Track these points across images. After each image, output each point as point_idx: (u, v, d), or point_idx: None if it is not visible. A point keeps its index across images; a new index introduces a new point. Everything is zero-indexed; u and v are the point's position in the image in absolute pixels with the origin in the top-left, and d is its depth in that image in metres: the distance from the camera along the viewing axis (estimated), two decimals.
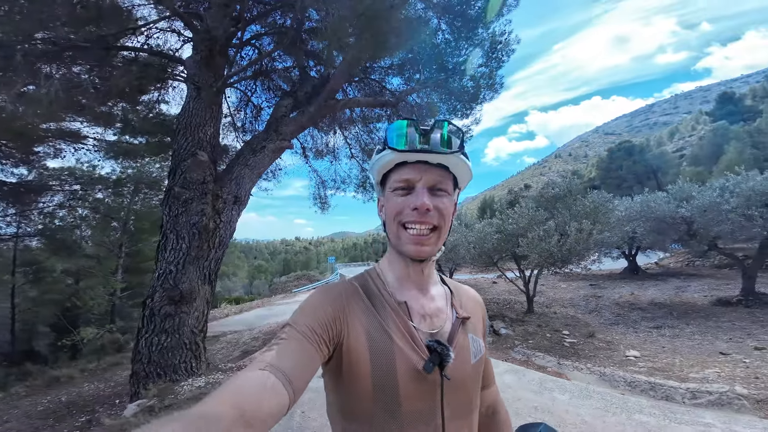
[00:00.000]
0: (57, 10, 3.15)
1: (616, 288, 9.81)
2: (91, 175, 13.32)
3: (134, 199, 15.69)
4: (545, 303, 8.93)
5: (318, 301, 0.64)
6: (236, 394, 0.44)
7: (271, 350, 0.54)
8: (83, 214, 14.86)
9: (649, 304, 7.53)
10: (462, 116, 7.79)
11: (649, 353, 4.55)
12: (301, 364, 0.53)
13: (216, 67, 5.28)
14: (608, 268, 13.17)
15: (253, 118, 7.92)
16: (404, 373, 0.61)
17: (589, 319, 7.15)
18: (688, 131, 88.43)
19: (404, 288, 0.71)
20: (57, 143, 9.54)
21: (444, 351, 0.62)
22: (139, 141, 9.57)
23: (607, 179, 30.10)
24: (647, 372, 3.80)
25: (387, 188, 0.69)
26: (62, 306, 14.86)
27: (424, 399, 0.62)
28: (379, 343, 0.62)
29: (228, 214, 5.68)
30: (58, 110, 5.50)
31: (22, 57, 3.06)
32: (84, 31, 3.71)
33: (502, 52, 6.93)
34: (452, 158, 0.64)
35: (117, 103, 7.02)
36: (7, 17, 2.88)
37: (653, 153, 34.45)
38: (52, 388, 6.02)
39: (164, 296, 4.81)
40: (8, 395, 5.73)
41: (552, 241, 6.56)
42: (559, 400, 3.25)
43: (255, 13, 5.27)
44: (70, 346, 11.56)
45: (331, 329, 0.61)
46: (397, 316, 0.66)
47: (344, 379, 0.62)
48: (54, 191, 12.38)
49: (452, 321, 0.71)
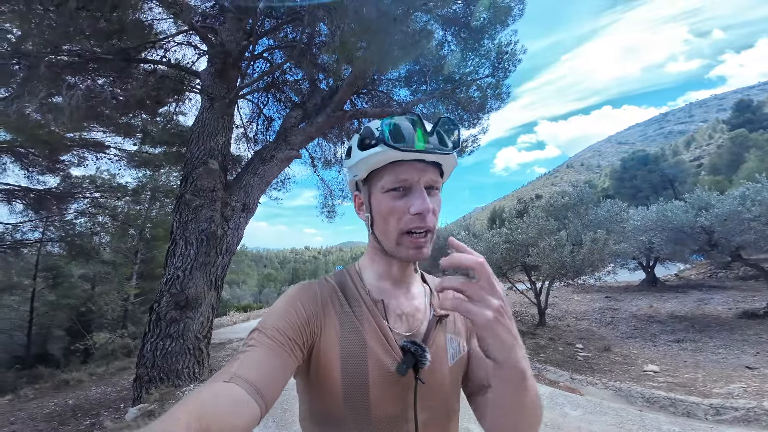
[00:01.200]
0: (82, 23, 3.35)
1: (633, 300, 9.43)
2: (112, 183, 13.86)
3: (151, 207, 16.20)
4: (558, 315, 8.64)
5: (290, 302, 0.60)
6: (199, 409, 0.40)
7: (237, 359, 0.50)
8: (102, 221, 15.42)
9: (669, 317, 7.19)
10: (469, 126, 7.81)
11: (669, 368, 4.32)
12: (272, 371, 0.50)
13: (229, 79, 5.48)
14: (625, 280, 12.70)
15: (265, 129, 8.14)
16: (376, 376, 0.57)
17: (605, 332, 6.86)
18: (705, 140, 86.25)
19: (384, 286, 0.68)
20: (81, 152, 10.00)
21: (419, 352, 0.59)
22: (157, 151, 9.95)
23: (622, 189, 29.43)
24: (667, 387, 3.59)
25: (376, 188, 0.63)
26: (77, 310, 15.27)
27: (395, 403, 0.58)
28: (351, 344, 0.59)
29: (236, 222, 5.78)
30: (81, 120, 5.78)
31: (46, 67, 3.26)
32: (107, 44, 3.93)
33: (508, 62, 6.98)
34: (449, 157, 0.62)
35: (137, 114, 7.34)
36: (37, 29, 3.08)
37: (669, 162, 33.58)
38: (60, 391, 6.11)
39: (171, 301, 4.88)
40: (17, 397, 5.83)
41: (564, 251, 6.40)
42: (571, 416, 3.10)
43: (267, 27, 5.47)
44: (83, 350, 11.81)
45: (304, 332, 0.57)
46: (373, 316, 0.63)
47: (314, 382, 0.59)
48: (76, 199, 12.90)
49: (429, 320, 0.67)
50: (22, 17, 3.05)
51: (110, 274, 16.07)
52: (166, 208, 15.79)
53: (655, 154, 36.43)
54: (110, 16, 3.53)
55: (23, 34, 3.40)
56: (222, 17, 4.98)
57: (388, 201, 0.61)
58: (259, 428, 3.21)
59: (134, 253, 16.58)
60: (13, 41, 3.36)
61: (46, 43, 3.26)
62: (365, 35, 4.10)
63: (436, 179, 0.62)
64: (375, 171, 0.63)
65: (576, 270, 6.62)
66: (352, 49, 4.32)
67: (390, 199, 0.61)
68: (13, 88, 3.72)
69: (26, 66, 3.29)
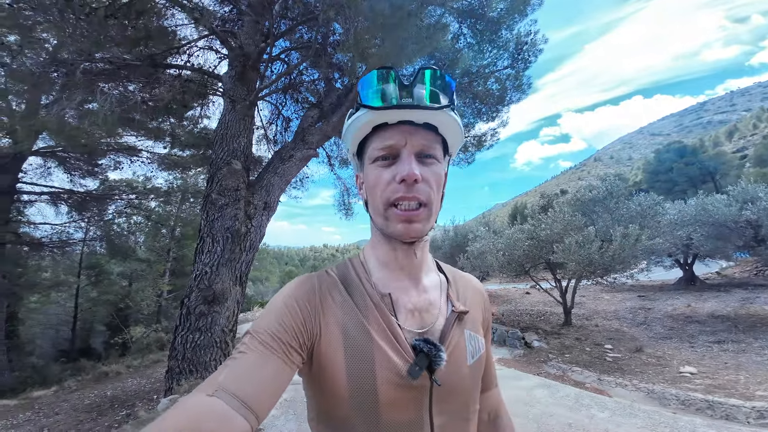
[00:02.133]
0: (112, 31, 3.57)
1: (669, 300, 8.86)
2: (145, 185, 14.70)
3: (181, 207, 17.03)
4: (585, 315, 8.28)
5: (285, 300, 0.54)
6: (185, 424, 0.37)
7: (227, 367, 0.46)
8: (137, 221, 16.41)
9: (709, 317, 6.70)
10: (488, 119, 7.62)
11: (707, 369, 4.02)
12: (263, 381, 0.45)
13: (249, 82, 5.64)
14: (660, 278, 11.96)
15: (284, 129, 8.32)
16: (385, 380, 0.51)
17: (637, 332, 6.50)
18: (750, 130, 79.57)
19: (391, 277, 0.60)
20: (117, 156, 10.68)
21: (433, 352, 0.52)
22: (186, 153, 10.43)
23: (656, 182, 27.68)
24: (704, 389, 3.35)
25: (366, 159, 0.58)
26: (116, 306, 16.31)
27: (408, 408, 0.52)
28: (356, 344, 0.53)
29: (258, 219, 5.95)
30: (115, 125, 6.16)
31: (81, 74, 3.50)
32: (135, 51, 4.16)
33: (528, 52, 6.74)
34: (442, 115, 0.53)
35: (166, 118, 7.74)
36: (71, 38, 3.32)
37: (709, 154, 31.22)
38: (100, 382, 6.54)
39: (199, 296, 5.10)
40: (61, 389, 6.27)
41: (592, 247, 6.10)
42: (598, 417, 2.96)
43: (283, 28, 5.58)
44: (121, 344, 12.61)
45: (300, 334, 0.52)
46: (380, 312, 0.56)
47: (319, 383, 0.54)
48: (114, 200, 13.80)
49: (446, 316, 0.60)
50: (57, 27, 3.29)
51: (145, 271, 17.07)
52: (195, 208, 16.56)
53: (692, 145, 34.00)
54: (136, 24, 3.73)
55: (59, 43, 3.67)
56: (240, 20, 5.13)
57: (374, 171, 0.55)
58: (280, 421, 3.29)
59: (167, 251, 17.50)
60: (51, 50, 3.64)
61: (80, 51, 3.51)
62: (379, 32, 4.09)
63: (430, 145, 0.54)
64: (364, 142, 0.58)
65: (605, 267, 6.29)
66: (366, 46, 4.31)
67: (376, 168, 0.55)
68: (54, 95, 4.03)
69: (63, 74, 3.56)
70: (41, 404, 5.13)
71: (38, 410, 4.81)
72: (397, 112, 0.52)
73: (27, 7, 3.21)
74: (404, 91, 0.51)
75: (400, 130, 0.53)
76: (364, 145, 0.58)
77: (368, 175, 0.57)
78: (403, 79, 0.52)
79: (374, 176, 0.55)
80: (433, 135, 0.55)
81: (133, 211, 15.19)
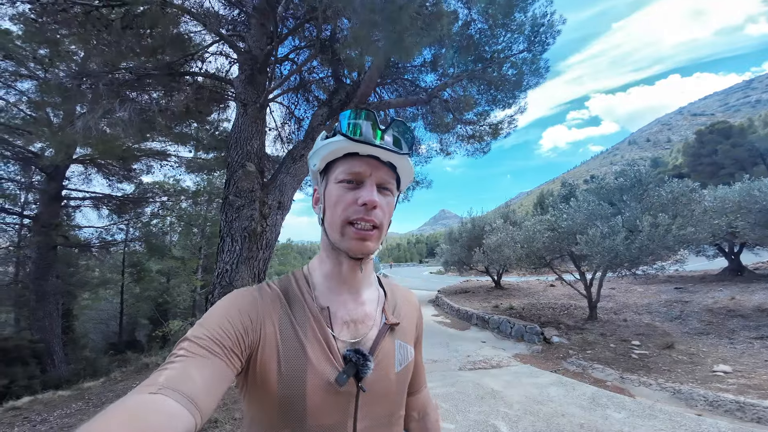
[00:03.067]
0: (130, 41, 3.79)
1: (710, 291, 8.18)
2: (176, 187, 15.59)
3: (209, 207, 17.92)
4: (614, 309, 7.85)
5: (225, 310, 0.56)
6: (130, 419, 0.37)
7: (165, 369, 0.45)
8: (171, 221, 17.48)
9: (755, 311, 6.12)
10: (504, 106, 7.33)
11: (744, 368, 3.68)
12: (205, 382, 0.46)
13: (258, 84, 5.77)
14: (702, 269, 11.09)
15: (296, 129, 8.47)
16: (314, 386, 0.55)
17: (670, 327, 6.07)
18: None
19: (332, 291, 0.65)
20: (148, 161, 11.40)
21: (360, 361, 0.57)
22: (210, 156, 10.93)
23: (698, 166, 25.48)
24: (737, 390, 3.07)
25: (330, 179, 0.64)
26: (156, 301, 17.51)
27: (333, 413, 0.56)
28: (290, 352, 0.57)
29: (273, 219, 6.14)
30: (144, 132, 6.55)
31: (105, 85, 3.75)
32: (154, 59, 4.38)
33: (545, 34, 6.39)
34: (402, 159, 0.63)
35: (189, 123, 8.13)
36: (96, 50, 3.56)
37: (759, 135, 28.18)
38: (142, 373, 7.05)
39: (222, 292, 5.38)
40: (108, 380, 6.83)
41: (618, 238, 5.73)
42: (613, 418, 2.82)
43: (290, 27, 5.65)
44: (161, 337, 13.58)
45: (242, 340, 0.54)
46: (317, 324, 0.61)
47: (252, 390, 0.57)
48: (149, 203, 14.76)
49: (379, 327, 0.66)
50: (82, 39, 3.53)
51: (180, 268, 18.16)
52: None
53: (740, 125, 30.82)
54: (152, 33, 3.93)
55: (86, 54, 3.93)
56: (247, 23, 5.24)
57: (338, 190, 0.61)
58: None
59: (198, 249, 18.52)
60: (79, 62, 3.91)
61: (105, 62, 3.76)
62: (376, 27, 4.02)
63: (389, 180, 0.63)
64: (331, 163, 0.64)
65: (632, 260, 5.90)
66: (366, 42, 4.27)
67: (341, 189, 0.61)
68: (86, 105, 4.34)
69: (91, 84, 3.84)
70: (91, 395, 5.60)
71: (88, 400, 5.25)
72: (371, 148, 0.60)
73: (51, 21, 3.47)
74: (379, 132, 0.60)
75: (368, 162, 0.61)
76: (329, 167, 0.65)
77: (330, 193, 0.63)
78: (379, 122, 0.61)
79: (337, 195, 0.61)
80: (391, 172, 0.64)
81: (166, 213, 16.18)
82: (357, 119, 0.60)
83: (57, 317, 9.88)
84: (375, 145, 0.59)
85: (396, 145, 0.61)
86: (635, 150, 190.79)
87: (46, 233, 9.42)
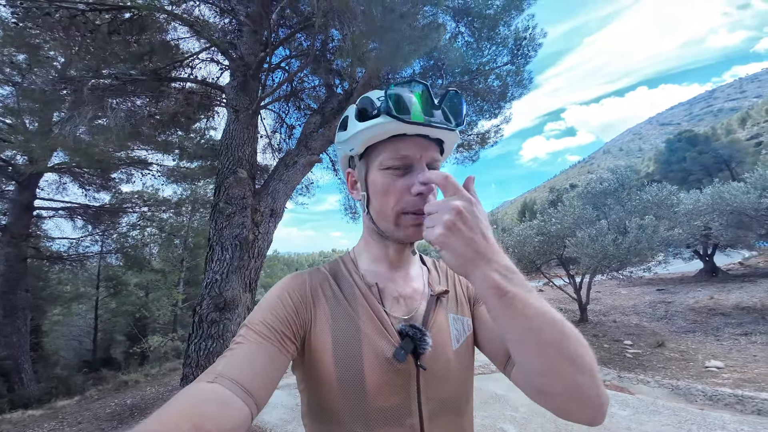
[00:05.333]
0: (116, 47, 3.67)
1: (690, 292, 8.55)
2: (156, 197, 15.03)
3: (192, 217, 17.35)
4: (602, 311, 8.06)
5: (278, 294, 0.58)
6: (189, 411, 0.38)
7: (224, 357, 0.48)
8: (151, 232, 16.78)
9: (734, 309, 6.43)
10: (490, 116, 7.55)
11: (735, 363, 3.84)
12: (260, 369, 0.47)
13: (251, 91, 5.71)
14: (679, 271, 11.61)
15: (287, 137, 8.40)
16: (372, 363, 0.53)
17: (658, 327, 6.28)
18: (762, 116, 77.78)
19: (379, 270, 0.64)
20: (128, 170, 10.96)
21: (418, 335, 0.54)
22: (194, 165, 10.63)
23: (669, 173, 27.02)
24: (733, 384, 3.19)
25: (374, 165, 0.58)
26: (134, 316, 16.68)
27: (395, 393, 0.53)
28: (343, 330, 0.56)
29: (265, 226, 6.00)
30: (126, 139, 6.32)
31: (90, 91, 3.60)
32: (140, 66, 4.26)
33: (528, 47, 6.68)
34: (452, 134, 0.57)
35: (173, 131, 7.91)
36: (78, 55, 3.42)
37: (722, 142, 30.36)
38: (120, 391, 6.68)
39: (211, 303, 5.16)
40: (84, 398, 6.42)
41: (606, 239, 5.93)
42: (619, 416, 2.85)
43: (282, 36, 5.65)
44: (140, 353, 12.87)
45: (293, 323, 0.54)
46: (368, 301, 0.59)
47: (310, 374, 0.56)
48: (127, 213, 14.15)
49: (427, 300, 0.62)
50: (64, 45, 3.39)
51: (160, 281, 17.41)
52: (205, 218, 16.84)
53: (705, 133, 33.15)
54: (140, 39, 3.83)
55: (67, 60, 3.78)
56: (240, 31, 5.22)
57: (386, 179, 0.57)
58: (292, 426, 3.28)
59: (180, 262, 17.84)
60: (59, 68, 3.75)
61: (87, 68, 3.62)
62: (374, 35, 4.08)
63: (437, 157, 0.58)
64: (373, 146, 0.58)
65: (620, 260, 6.11)
66: (363, 50, 4.32)
67: (389, 176, 0.57)
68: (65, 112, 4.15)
69: (72, 90, 3.67)
70: (65, 414, 5.26)
71: (62, 419, 4.93)
72: (421, 128, 0.53)
73: (33, 26, 3.32)
74: (432, 108, 0.54)
75: (417, 143, 0.55)
76: (369, 149, 0.59)
77: (375, 181, 0.58)
78: (434, 96, 0.55)
79: (385, 183, 0.57)
80: (438, 148, 0.59)
81: (146, 223, 15.55)
82: (402, 95, 0.53)
83: (26, 333, 9.28)
84: (426, 124, 0.53)
85: (447, 120, 0.55)
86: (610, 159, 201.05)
87: (16, 245, 8.85)
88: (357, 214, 8.83)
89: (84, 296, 15.27)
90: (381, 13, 3.47)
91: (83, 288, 15.37)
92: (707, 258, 10.86)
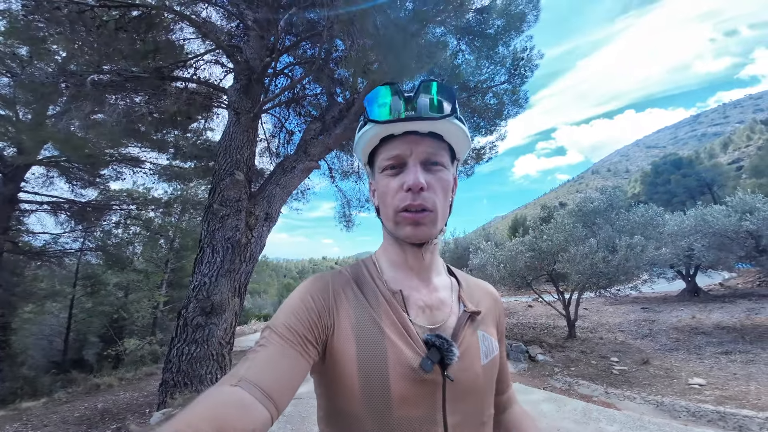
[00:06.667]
0: (120, 44, 3.67)
1: (673, 311, 8.77)
2: (146, 196, 14.68)
3: (181, 218, 16.94)
4: (589, 328, 8.17)
5: (301, 296, 0.56)
6: (211, 414, 0.39)
7: (247, 360, 0.48)
8: (136, 231, 16.28)
9: (715, 328, 6.62)
10: (486, 133, 7.73)
11: (717, 381, 3.95)
12: (282, 373, 0.46)
13: (253, 95, 5.74)
14: (663, 290, 11.89)
15: (286, 142, 8.42)
16: (397, 372, 0.51)
17: (643, 344, 6.40)
18: (744, 141, 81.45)
19: (401, 276, 0.62)
20: (119, 167, 10.73)
21: (445, 346, 0.53)
22: (188, 165, 10.48)
23: (654, 194, 27.90)
24: (715, 401, 3.28)
25: (376, 169, 0.61)
26: (111, 317, 16.00)
27: (421, 404, 0.52)
28: (368, 336, 0.54)
29: (259, 230, 5.94)
30: (121, 136, 6.23)
31: (92, 85, 3.57)
32: (143, 63, 4.26)
33: (525, 67, 6.91)
34: (445, 124, 0.55)
35: (170, 130, 7.83)
36: (80, 50, 3.40)
37: (705, 165, 31.67)
38: (91, 395, 6.35)
39: (197, 307, 5.03)
40: (51, 400, 6.09)
41: (596, 257, 6.08)
42: (607, 431, 2.88)
43: (287, 43, 5.73)
44: (114, 356, 12.33)
45: (315, 326, 0.53)
46: (391, 308, 0.57)
47: (331, 379, 0.54)
48: (113, 210, 13.76)
49: (458, 315, 0.61)
50: (67, 39, 3.37)
51: (142, 282, 16.82)
52: (195, 220, 16.51)
53: (689, 157, 34.56)
54: (145, 37, 3.84)
55: (68, 54, 3.76)
56: (246, 35, 5.28)
57: (385, 180, 0.58)
58: None
59: (164, 263, 17.31)
60: (60, 62, 3.72)
61: (89, 63, 3.60)
62: (381, 49, 4.19)
63: (436, 152, 0.57)
64: (374, 152, 0.61)
65: (609, 278, 6.25)
66: (367, 62, 4.42)
67: (386, 177, 0.58)
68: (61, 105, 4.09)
69: (72, 85, 3.64)
70: (30, 415, 4.98)
71: (26, 422, 4.67)
72: (400, 125, 0.55)
73: (40, 19, 3.30)
74: (408, 104, 0.54)
75: (406, 141, 0.56)
76: (374, 156, 0.61)
77: (379, 184, 0.60)
78: (404, 93, 0.55)
79: (384, 185, 0.58)
80: (438, 143, 0.57)
81: (132, 222, 15.11)
82: (380, 98, 0.54)
83: None
84: (405, 119, 0.53)
85: (434, 110, 0.54)
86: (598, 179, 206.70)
87: None
88: (351, 223, 8.82)
89: (59, 294, 14.59)
90: (392, 29, 3.58)
91: (59, 286, 14.70)
92: (689, 278, 11.19)
